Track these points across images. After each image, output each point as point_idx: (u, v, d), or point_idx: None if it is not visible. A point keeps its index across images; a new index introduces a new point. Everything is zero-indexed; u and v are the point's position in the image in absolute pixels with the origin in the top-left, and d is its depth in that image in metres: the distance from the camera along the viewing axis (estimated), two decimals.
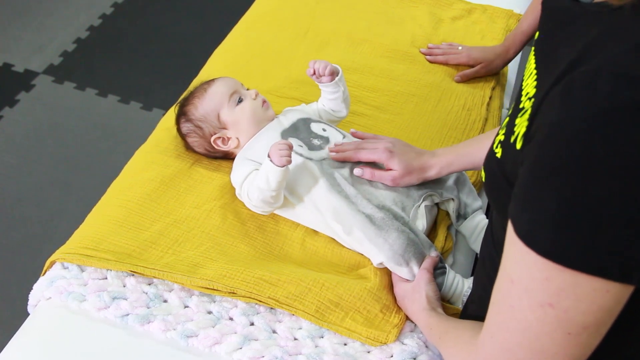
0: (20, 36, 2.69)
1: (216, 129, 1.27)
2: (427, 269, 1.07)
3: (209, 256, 1.13)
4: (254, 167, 1.19)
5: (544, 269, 0.58)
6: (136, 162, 1.32)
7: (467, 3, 1.83)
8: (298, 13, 1.76)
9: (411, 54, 1.63)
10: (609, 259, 0.55)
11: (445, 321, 0.92)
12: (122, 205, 1.20)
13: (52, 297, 1.08)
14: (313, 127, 1.26)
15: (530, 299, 0.60)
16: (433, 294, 1.04)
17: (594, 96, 0.54)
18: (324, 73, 1.25)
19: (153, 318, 1.04)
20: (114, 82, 2.52)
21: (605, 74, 0.54)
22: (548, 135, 0.57)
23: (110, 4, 2.87)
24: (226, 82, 1.30)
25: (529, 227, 0.59)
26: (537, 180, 0.59)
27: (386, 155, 1.17)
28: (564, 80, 0.58)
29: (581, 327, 0.59)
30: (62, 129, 2.32)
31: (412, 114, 1.47)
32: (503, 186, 0.69)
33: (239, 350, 1.01)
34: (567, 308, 0.58)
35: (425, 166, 1.16)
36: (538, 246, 0.58)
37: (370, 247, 1.11)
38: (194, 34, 2.73)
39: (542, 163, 0.58)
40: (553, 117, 0.57)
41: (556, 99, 0.58)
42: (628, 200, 0.54)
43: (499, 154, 0.72)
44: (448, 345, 0.84)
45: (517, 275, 0.62)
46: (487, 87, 1.56)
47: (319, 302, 1.04)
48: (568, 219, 0.56)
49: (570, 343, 0.60)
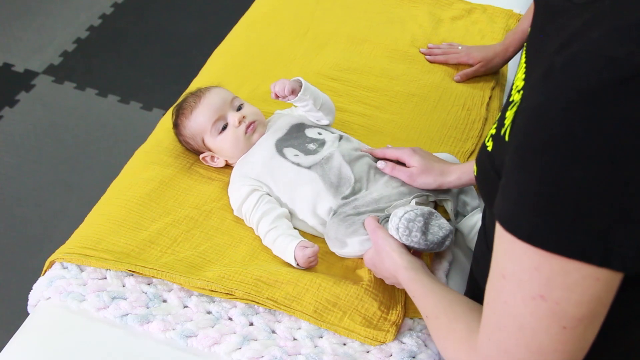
0: (20, 36, 2.69)
1: (203, 148, 1.27)
2: (375, 227, 1.06)
3: (208, 257, 1.13)
4: (251, 186, 1.18)
5: (531, 258, 0.58)
6: (136, 162, 1.32)
7: (467, 3, 1.83)
8: (298, 13, 1.76)
9: (411, 54, 1.63)
10: (590, 242, 0.55)
11: (431, 295, 0.88)
12: (121, 205, 1.20)
13: (51, 297, 1.08)
14: (308, 132, 1.25)
15: (523, 292, 0.60)
16: (397, 244, 1.01)
17: (573, 78, 0.54)
18: (286, 94, 1.22)
19: (152, 318, 1.04)
20: (114, 82, 2.52)
21: (584, 55, 0.54)
22: (528, 118, 0.58)
23: (110, 4, 2.87)
24: (211, 104, 1.25)
25: (511, 213, 0.59)
26: (519, 165, 0.58)
27: (409, 152, 1.19)
28: (545, 65, 0.58)
29: (576, 319, 0.58)
30: (62, 129, 2.32)
31: (412, 114, 1.47)
32: (493, 179, 0.69)
33: (238, 350, 1.01)
34: (559, 299, 0.58)
35: (445, 171, 1.17)
36: (520, 231, 0.58)
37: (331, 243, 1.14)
38: (194, 34, 2.73)
39: (523, 147, 0.58)
40: (534, 101, 0.57)
41: (537, 83, 0.58)
42: (609, 182, 0.53)
43: (490, 147, 0.72)
44: (440, 336, 0.81)
45: (507, 269, 0.62)
46: (487, 87, 1.56)
47: (317, 303, 1.04)
48: (549, 203, 0.56)
49: (567, 337, 0.59)
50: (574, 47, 0.56)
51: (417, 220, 1.02)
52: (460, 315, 0.79)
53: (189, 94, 1.32)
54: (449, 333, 0.78)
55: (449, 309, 0.81)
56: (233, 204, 1.20)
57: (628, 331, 0.70)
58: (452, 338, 0.77)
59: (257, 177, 1.19)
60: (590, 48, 0.54)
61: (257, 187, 1.18)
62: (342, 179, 1.16)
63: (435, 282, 0.91)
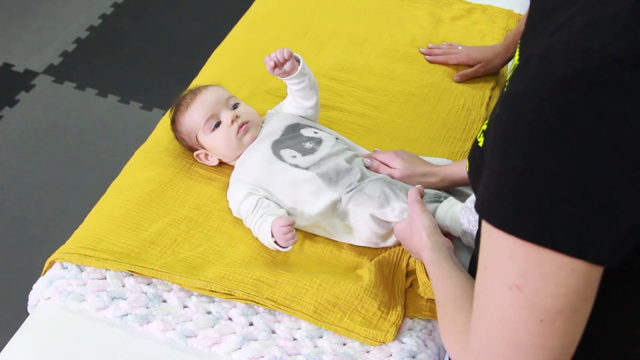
0: (20, 36, 2.69)
1: (197, 146, 1.28)
2: (415, 200, 1.09)
3: (207, 257, 1.13)
4: (247, 190, 1.18)
5: (507, 246, 0.58)
6: (136, 162, 1.32)
7: (467, 3, 1.83)
8: (298, 13, 1.76)
9: (411, 54, 1.63)
10: (563, 232, 0.55)
11: (447, 281, 0.89)
12: (121, 205, 1.21)
13: (51, 297, 1.08)
14: (304, 132, 1.25)
15: (500, 282, 0.60)
16: (430, 222, 1.04)
17: (547, 68, 0.54)
18: (288, 57, 1.22)
19: (152, 318, 1.04)
20: (114, 82, 2.52)
21: (559, 46, 0.55)
22: (506, 107, 0.58)
23: (110, 4, 2.87)
24: (206, 101, 1.25)
25: (487, 200, 0.60)
26: (495, 152, 0.59)
27: (391, 156, 1.24)
28: (524, 58, 0.58)
29: (553, 312, 0.58)
30: (62, 129, 2.32)
31: (412, 114, 1.47)
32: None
33: (238, 350, 1.01)
34: (535, 290, 0.58)
35: (428, 173, 1.22)
36: (495, 218, 0.59)
37: (357, 210, 1.14)
38: (194, 34, 2.73)
39: (499, 135, 0.59)
40: (512, 90, 0.58)
41: (516, 74, 0.59)
42: (581, 172, 0.54)
43: (481, 143, 0.72)
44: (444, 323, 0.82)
45: (488, 259, 0.62)
46: (487, 87, 1.56)
47: (316, 303, 1.04)
48: (522, 190, 0.56)
49: (545, 332, 0.59)
50: (552, 39, 0.56)
51: None
52: (465, 307, 0.78)
53: (187, 91, 1.32)
54: (451, 323, 0.78)
55: (459, 299, 0.81)
56: (231, 205, 1.20)
57: (627, 329, 0.70)
58: (453, 329, 0.77)
59: (255, 182, 1.19)
60: (566, 39, 0.55)
61: (253, 191, 1.17)
62: (341, 173, 1.16)
63: (454, 269, 0.91)
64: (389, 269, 1.12)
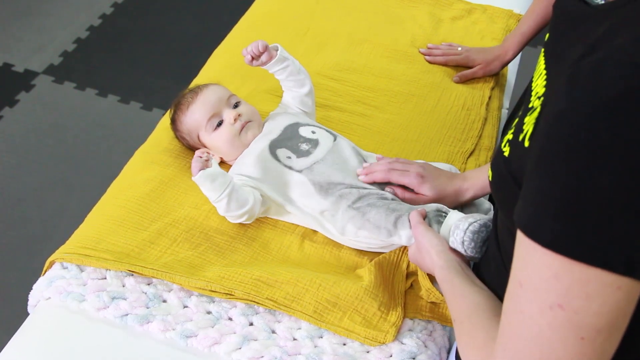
0: (20, 36, 2.69)
1: (198, 145, 1.28)
2: (417, 222, 1.05)
3: (207, 257, 1.13)
4: (240, 180, 1.18)
5: (551, 266, 0.57)
6: (136, 162, 1.32)
7: (467, 3, 1.83)
8: (298, 13, 1.76)
9: (411, 54, 1.63)
10: (614, 250, 0.54)
11: (460, 299, 0.87)
12: (121, 205, 1.21)
13: (51, 297, 1.08)
14: (301, 131, 1.25)
15: (540, 301, 0.58)
16: (437, 241, 1.00)
17: (599, 84, 0.54)
18: (262, 50, 1.24)
19: (152, 318, 1.04)
20: (114, 82, 2.52)
21: (611, 62, 0.54)
22: (553, 124, 0.57)
23: (110, 4, 2.87)
24: (208, 100, 1.25)
25: (532, 219, 0.58)
26: (542, 170, 0.58)
27: (418, 180, 1.15)
28: (570, 71, 0.57)
29: (595, 330, 0.57)
30: (62, 129, 2.33)
31: (412, 114, 1.47)
32: (509, 185, 0.69)
33: (238, 350, 1.01)
34: (578, 309, 0.56)
35: (460, 191, 1.15)
36: (541, 237, 0.57)
37: (360, 233, 1.12)
38: (194, 34, 2.73)
39: (547, 152, 0.57)
40: (558, 106, 0.57)
41: (561, 89, 0.57)
42: (633, 189, 0.53)
43: (507, 153, 0.71)
44: (462, 341, 0.81)
45: (525, 277, 0.60)
46: (487, 87, 1.56)
47: (316, 303, 1.04)
48: (572, 209, 0.55)
49: (584, 349, 0.58)
50: (599, 54, 0.55)
51: (480, 231, 0.98)
52: (482, 323, 0.78)
53: (188, 90, 1.32)
54: (470, 340, 0.78)
55: (474, 316, 0.80)
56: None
57: None
58: (472, 345, 0.76)
59: (251, 174, 1.19)
60: (616, 55, 0.54)
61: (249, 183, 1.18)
62: (331, 184, 1.16)
63: (466, 284, 0.89)
64: (389, 270, 1.12)
